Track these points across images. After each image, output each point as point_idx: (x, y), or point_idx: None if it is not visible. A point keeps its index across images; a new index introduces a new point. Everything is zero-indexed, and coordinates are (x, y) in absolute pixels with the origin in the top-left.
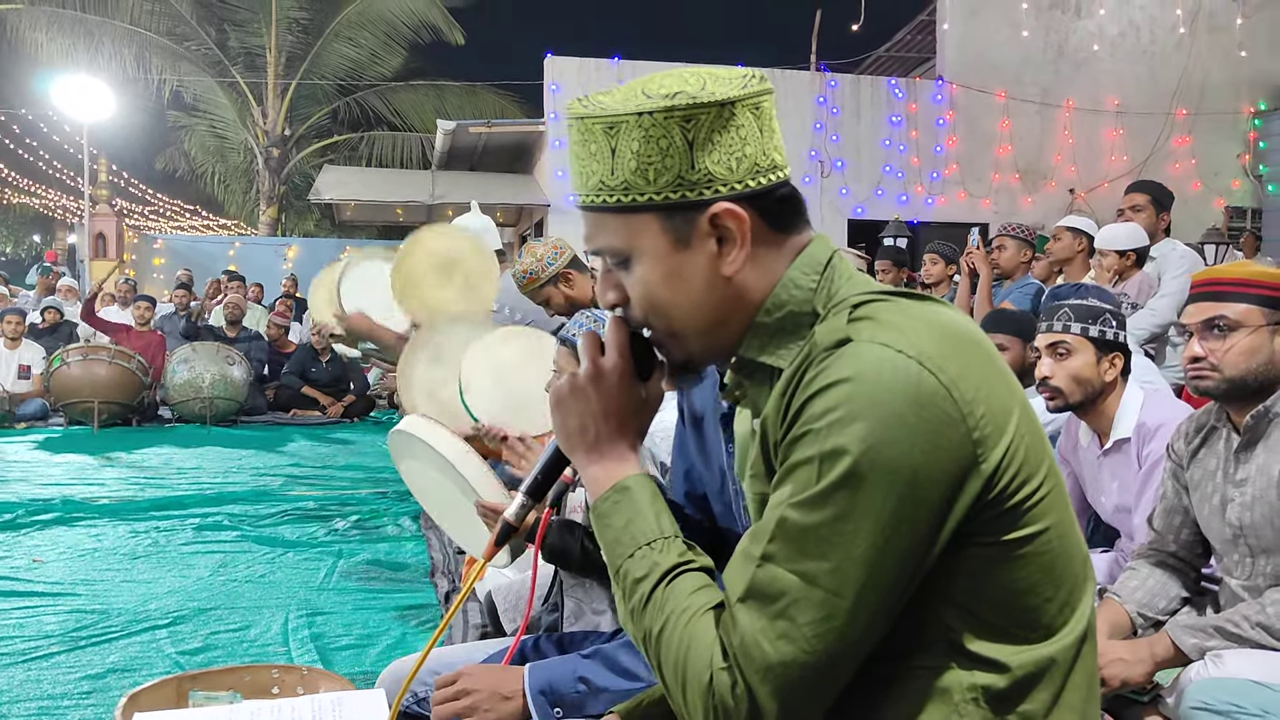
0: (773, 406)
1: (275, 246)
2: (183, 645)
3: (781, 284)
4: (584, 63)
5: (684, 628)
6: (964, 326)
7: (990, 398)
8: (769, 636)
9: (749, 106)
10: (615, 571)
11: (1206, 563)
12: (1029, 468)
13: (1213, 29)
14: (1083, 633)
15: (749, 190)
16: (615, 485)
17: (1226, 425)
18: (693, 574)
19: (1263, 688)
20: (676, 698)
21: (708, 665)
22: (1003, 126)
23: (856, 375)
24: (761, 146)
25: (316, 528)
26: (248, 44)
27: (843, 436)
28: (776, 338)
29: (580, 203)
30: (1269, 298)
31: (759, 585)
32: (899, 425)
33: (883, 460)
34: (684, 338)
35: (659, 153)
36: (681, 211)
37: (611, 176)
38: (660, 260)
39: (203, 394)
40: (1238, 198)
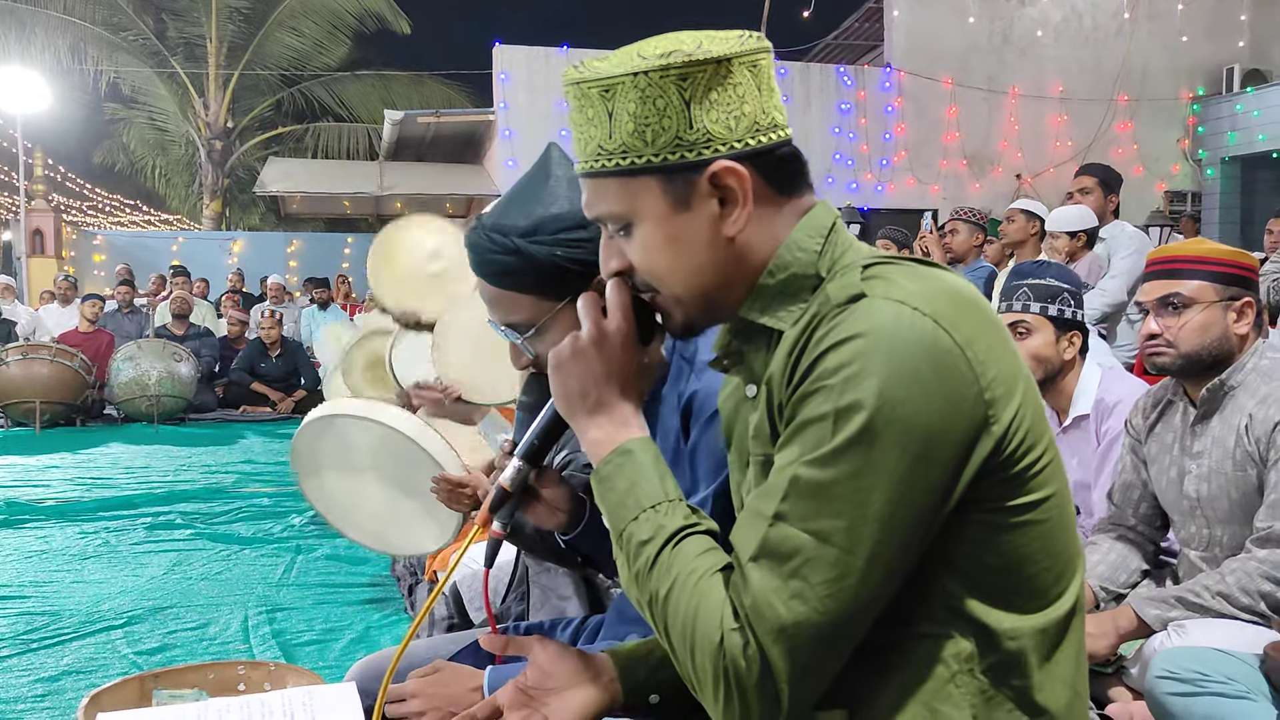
0: (779, 365)
1: (220, 241)
2: (140, 645)
3: (785, 245)
4: (533, 51)
5: (692, 589)
6: (972, 292)
7: (1000, 361)
8: (782, 596)
9: (746, 64)
10: (619, 535)
11: (1165, 535)
12: (1034, 435)
13: (1153, 16)
14: (1073, 605)
15: (749, 149)
16: (618, 448)
17: (1183, 399)
18: (699, 536)
19: (1225, 655)
20: (684, 661)
21: (718, 626)
22: (950, 113)
23: (872, 330)
24: (760, 104)
25: (272, 524)
26: (187, 34)
27: (858, 392)
28: (779, 299)
29: (579, 169)
30: (1222, 274)
31: (771, 544)
32: (915, 382)
33: (899, 416)
34: (686, 302)
35: (656, 113)
36: (681, 173)
37: (609, 140)
38: (661, 223)
39: (149, 392)
40: (1178, 182)
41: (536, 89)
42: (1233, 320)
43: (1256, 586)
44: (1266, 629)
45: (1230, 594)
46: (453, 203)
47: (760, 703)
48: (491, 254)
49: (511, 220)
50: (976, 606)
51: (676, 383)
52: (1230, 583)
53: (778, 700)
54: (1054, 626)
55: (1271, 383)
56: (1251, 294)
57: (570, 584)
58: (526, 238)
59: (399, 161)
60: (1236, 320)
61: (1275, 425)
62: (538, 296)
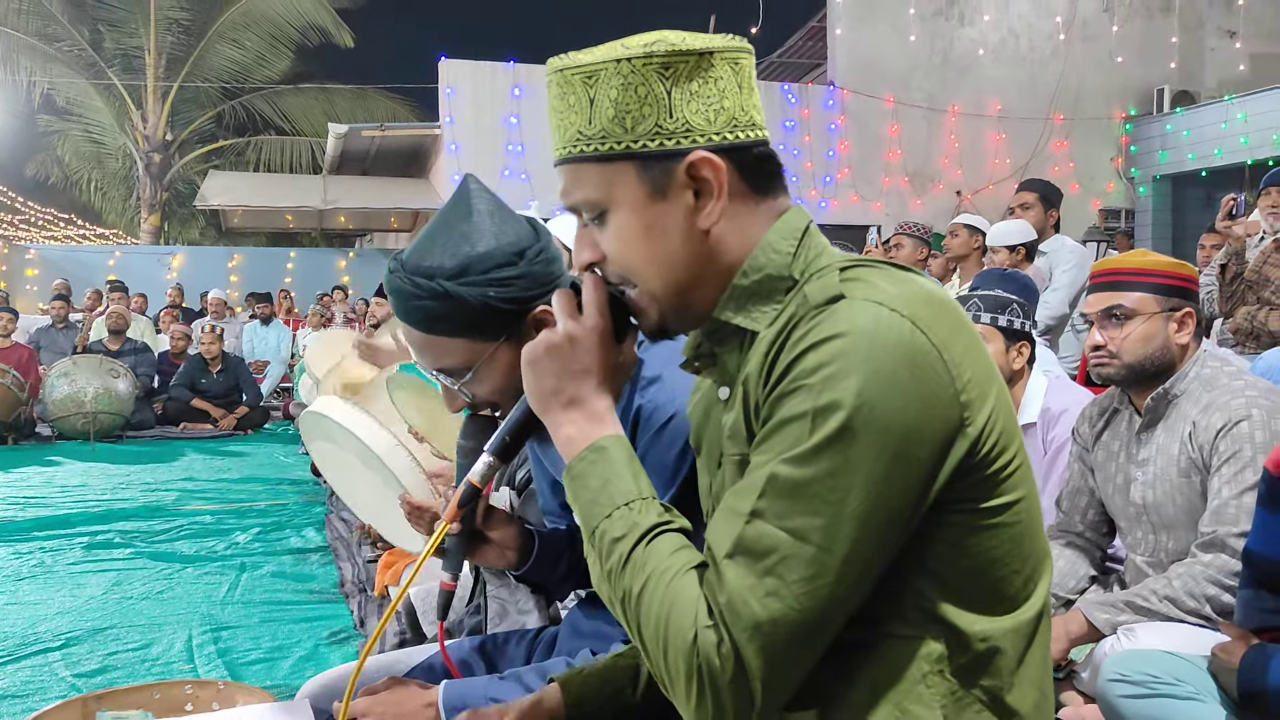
0: (756, 365)
1: (159, 255)
2: (79, 668)
3: (760, 247)
4: (479, 65)
5: (666, 587)
6: (946, 296)
7: (975, 364)
8: (757, 594)
9: (728, 60)
10: (591, 533)
11: (1111, 542)
12: (1006, 438)
13: (1087, 38)
14: (1041, 608)
15: (727, 142)
16: (591, 445)
17: (1128, 408)
18: (672, 534)
19: (1174, 657)
20: (656, 658)
21: (692, 624)
22: (892, 131)
23: (851, 330)
24: (740, 102)
25: (216, 541)
26: (124, 45)
27: (837, 391)
28: (753, 300)
29: (557, 157)
30: (1163, 285)
31: (747, 542)
32: (893, 382)
33: (877, 416)
34: (660, 298)
35: (637, 100)
36: (659, 161)
37: (589, 126)
38: (636, 212)
39: (85, 409)
40: (1112, 199)
41: (482, 103)
42: (1174, 330)
43: (1202, 590)
44: (1213, 631)
45: (1177, 598)
46: (398, 217)
47: (734, 701)
48: (418, 300)
49: (435, 261)
50: (948, 608)
51: (619, 403)
52: (1177, 587)
53: (751, 698)
54: (1023, 628)
55: (1213, 391)
56: (1192, 304)
57: (530, 598)
58: (455, 280)
59: (343, 175)
60: (1178, 330)
61: (1218, 433)
62: (470, 339)
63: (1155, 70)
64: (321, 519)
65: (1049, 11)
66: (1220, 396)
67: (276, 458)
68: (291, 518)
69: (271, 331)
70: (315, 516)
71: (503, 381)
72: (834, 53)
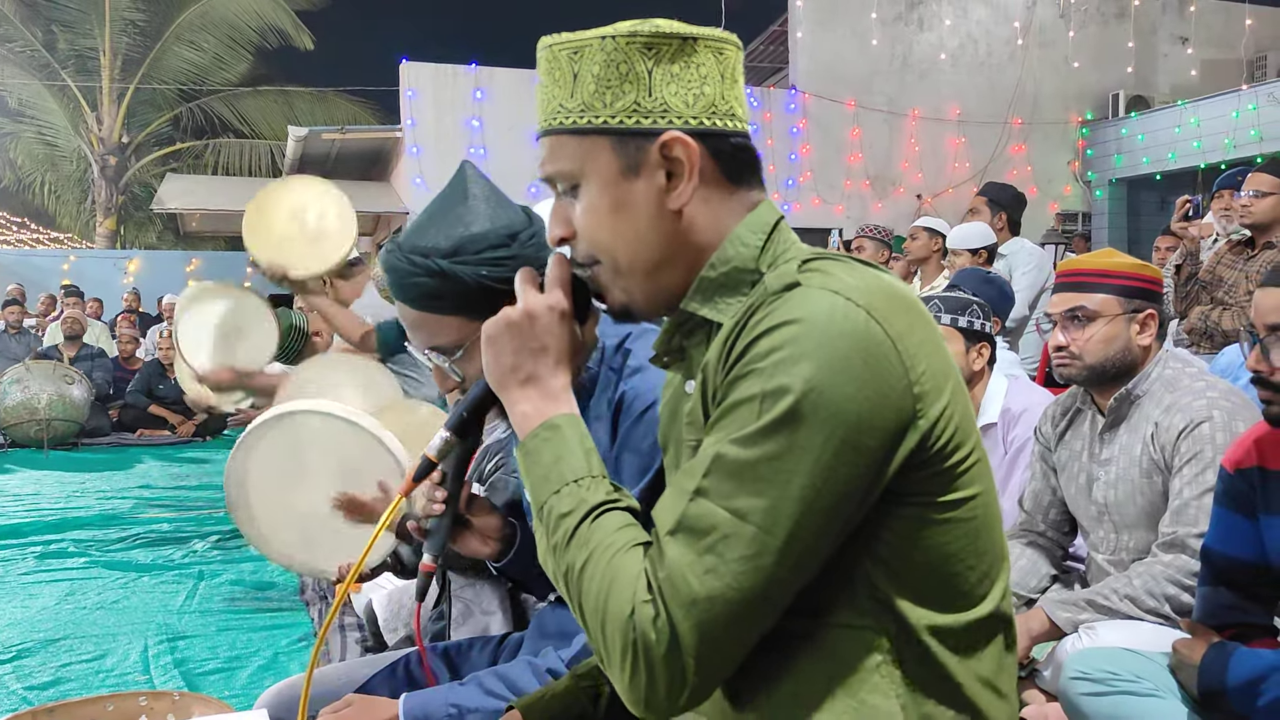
0: (714, 353)
1: (114, 260)
2: (30, 680)
3: (729, 240)
4: (440, 68)
5: (608, 562)
6: (907, 291)
7: (931, 358)
8: (696, 571)
9: (712, 48)
10: (540, 508)
11: (1072, 541)
12: (962, 434)
13: (1044, 43)
14: (996, 608)
15: (703, 127)
16: (545, 422)
17: (1091, 408)
18: (619, 512)
19: (1135, 655)
20: (595, 632)
21: (630, 599)
22: (853, 135)
23: (805, 317)
24: (721, 91)
25: (173, 550)
26: (78, 46)
27: (787, 376)
28: (719, 292)
29: (539, 129)
30: (1126, 287)
31: (690, 519)
32: (845, 369)
33: (826, 401)
34: (626, 276)
35: (618, 77)
36: (634, 138)
37: (570, 99)
38: (609, 186)
39: (39, 415)
40: (1069, 202)
41: (444, 106)
42: (1136, 332)
43: (1162, 589)
44: (1174, 629)
45: (1137, 597)
46: (359, 220)
47: (666, 675)
48: (413, 277)
49: (431, 241)
50: (901, 602)
51: (605, 393)
52: (1137, 585)
53: (684, 674)
54: (979, 625)
55: (1176, 392)
56: (1155, 306)
57: (495, 599)
58: (450, 259)
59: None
60: (1140, 332)
61: (1179, 434)
62: (463, 317)
63: (1110, 75)
64: None
65: (1007, 17)
66: (1182, 398)
67: None
68: None
69: None
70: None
71: None
72: (795, 57)
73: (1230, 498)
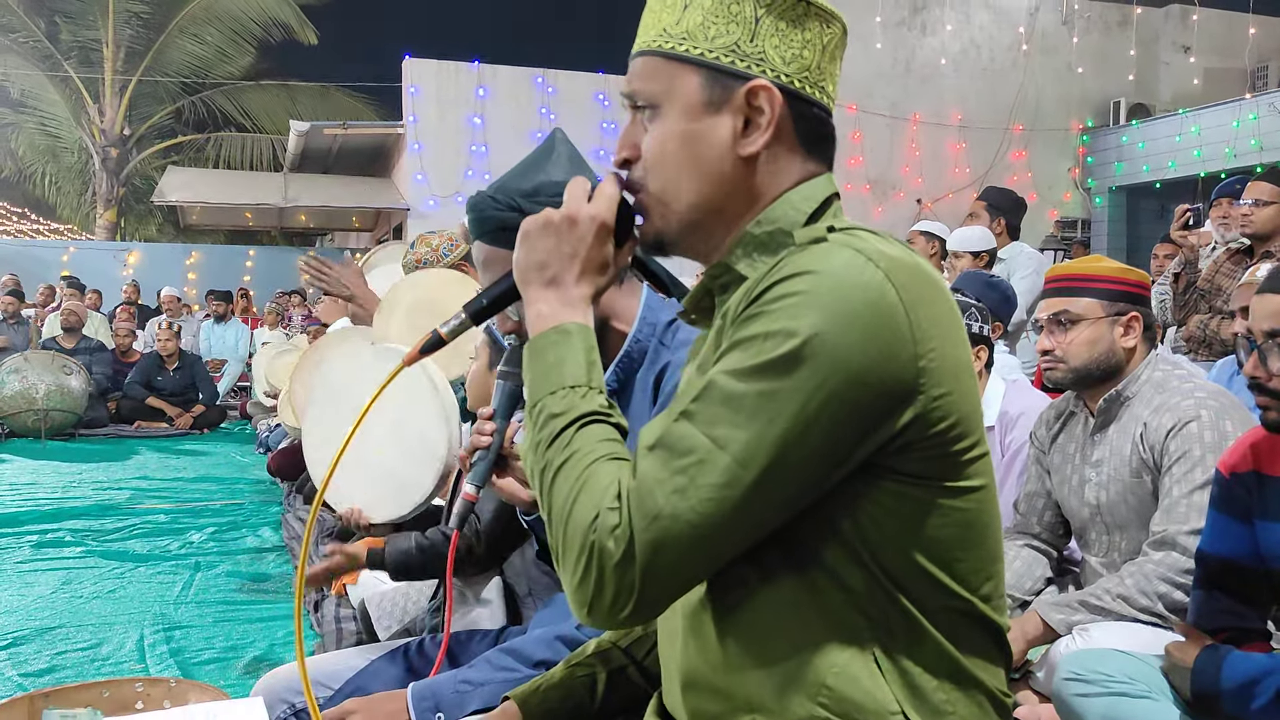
0: (736, 298)
1: (114, 252)
2: (26, 667)
3: (781, 200)
4: (443, 65)
5: (585, 468)
6: (937, 276)
7: (944, 342)
8: (665, 489)
9: (821, 19)
10: (533, 405)
11: (1067, 543)
12: (966, 425)
13: (1046, 50)
14: (989, 604)
15: (793, 87)
16: (557, 326)
17: (1083, 410)
18: (607, 425)
19: (1128, 656)
20: (557, 530)
21: (597, 504)
22: (854, 138)
23: (823, 269)
24: (819, 61)
25: (170, 541)
26: (82, 37)
27: (794, 320)
28: (759, 249)
29: (637, 48)
30: (1110, 291)
31: (670, 438)
32: (853, 323)
33: (827, 350)
34: (673, 204)
35: (726, 15)
36: (725, 77)
37: (675, 25)
38: (686, 115)
39: (37, 406)
40: (1068, 209)
41: (447, 103)
42: (1120, 334)
43: (1154, 588)
44: (1167, 631)
45: (1130, 596)
46: (359, 216)
47: (614, 584)
48: (494, 211)
49: (515, 184)
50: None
51: (652, 366)
52: (1129, 585)
53: (631, 587)
54: (972, 613)
55: (1164, 393)
56: (1139, 309)
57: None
58: (528, 198)
59: (304, 173)
60: (1124, 334)
61: (1168, 433)
62: None
63: (1112, 83)
64: (278, 519)
65: (1010, 23)
66: (1170, 398)
67: (233, 457)
68: (248, 517)
69: (229, 330)
70: (272, 516)
71: None
72: None
73: (1225, 502)
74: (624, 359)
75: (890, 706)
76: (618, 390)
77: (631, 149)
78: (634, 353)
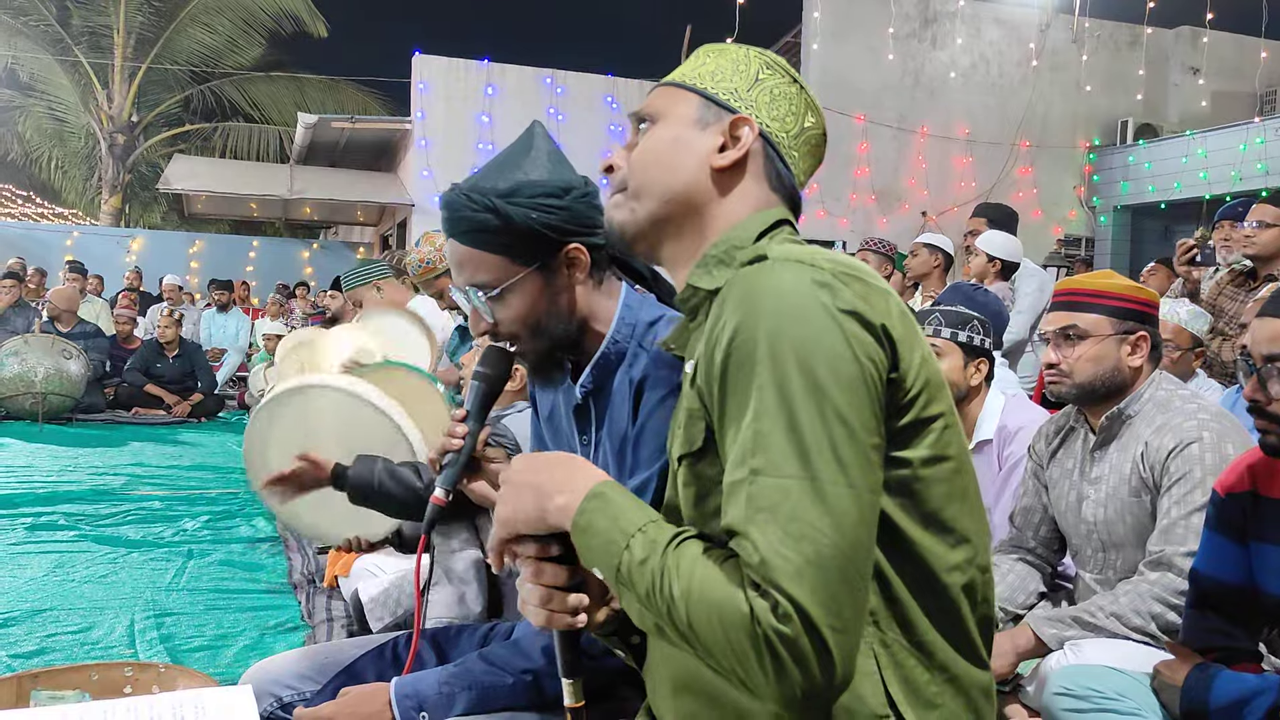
0: (706, 330)
1: (118, 238)
2: (15, 648)
3: (736, 225)
4: (453, 63)
5: (703, 583)
6: (877, 277)
7: (898, 322)
8: (788, 543)
9: (811, 107)
10: (616, 571)
11: (1061, 559)
12: (934, 390)
13: (1055, 67)
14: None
15: (772, 138)
16: (588, 495)
17: (1084, 426)
18: (695, 539)
19: (1118, 673)
20: (721, 652)
21: (743, 599)
22: (861, 149)
23: (773, 287)
24: (800, 139)
25: (163, 528)
26: (93, 23)
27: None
28: (716, 265)
29: (662, 81)
30: (1119, 308)
31: (758, 499)
32: (823, 328)
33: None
34: (643, 196)
35: (734, 69)
36: (718, 108)
37: (694, 70)
38: (676, 126)
39: (35, 389)
40: (1073, 227)
41: (455, 99)
42: (1126, 353)
43: (1148, 608)
44: (1158, 649)
45: (1123, 614)
46: (364, 210)
47: (811, 654)
48: (469, 211)
49: (490, 183)
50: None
51: (629, 369)
52: (1123, 603)
53: (826, 648)
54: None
55: (1167, 413)
56: (1147, 328)
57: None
58: (504, 198)
59: (310, 166)
60: (1131, 353)
61: (1169, 453)
62: (508, 258)
63: (1120, 102)
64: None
65: (1020, 39)
66: (1173, 418)
67: (229, 447)
68: (242, 507)
69: (230, 320)
70: (265, 507)
71: (526, 310)
72: (807, 69)
73: (1221, 522)
74: (600, 360)
75: (882, 709)
76: (594, 391)
77: (619, 158)
78: (611, 354)
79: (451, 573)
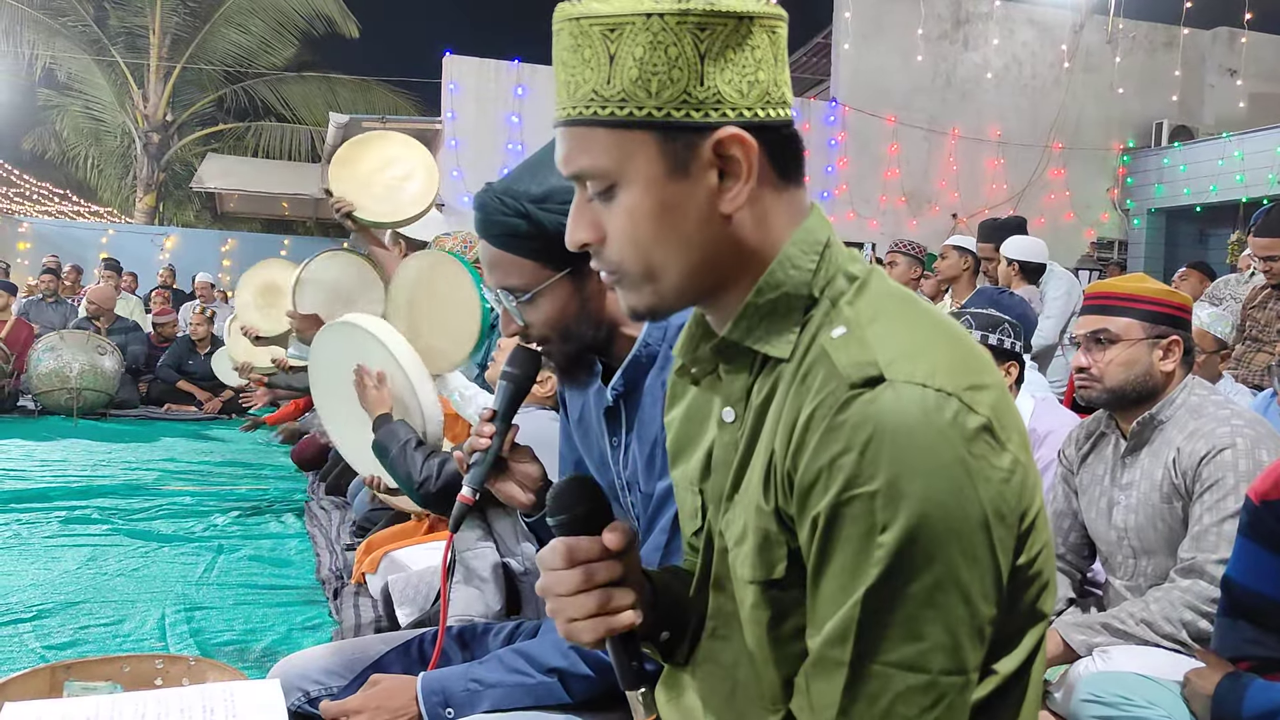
0: (782, 420)
1: (152, 236)
2: (49, 640)
3: (779, 262)
4: (484, 63)
5: None
6: (957, 326)
7: (1008, 411)
8: None
9: (766, 28)
10: None
11: (1091, 564)
12: (1037, 512)
13: (1089, 68)
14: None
15: (758, 120)
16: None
17: (1115, 431)
18: None
19: (1148, 681)
20: None
21: None
22: (892, 150)
23: (899, 428)
24: (774, 76)
25: (194, 523)
26: (129, 23)
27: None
28: (768, 321)
29: (564, 116)
30: (1151, 313)
31: (860, 689)
32: (953, 480)
33: (946, 523)
34: (661, 279)
35: (666, 62)
36: (684, 134)
37: (607, 86)
38: (652, 188)
39: (70, 384)
40: (1106, 229)
41: (486, 100)
42: (1158, 358)
43: (1179, 615)
44: (1188, 656)
45: (1154, 622)
46: None
47: None
48: (501, 215)
49: (524, 186)
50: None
51: (661, 372)
52: (1154, 610)
53: None
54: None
55: (1200, 419)
56: (1180, 333)
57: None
58: (538, 204)
59: None
60: (1163, 358)
61: (1201, 459)
62: (539, 262)
63: (1155, 104)
64: (302, 506)
65: (1053, 40)
66: (1206, 424)
67: (260, 443)
68: (272, 503)
69: None
70: (295, 503)
71: (556, 315)
72: (838, 69)
73: (1255, 530)
74: (631, 364)
75: None
76: (625, 393)
77: (593, 230)
78: (642, 357)
79: (470, 571)
